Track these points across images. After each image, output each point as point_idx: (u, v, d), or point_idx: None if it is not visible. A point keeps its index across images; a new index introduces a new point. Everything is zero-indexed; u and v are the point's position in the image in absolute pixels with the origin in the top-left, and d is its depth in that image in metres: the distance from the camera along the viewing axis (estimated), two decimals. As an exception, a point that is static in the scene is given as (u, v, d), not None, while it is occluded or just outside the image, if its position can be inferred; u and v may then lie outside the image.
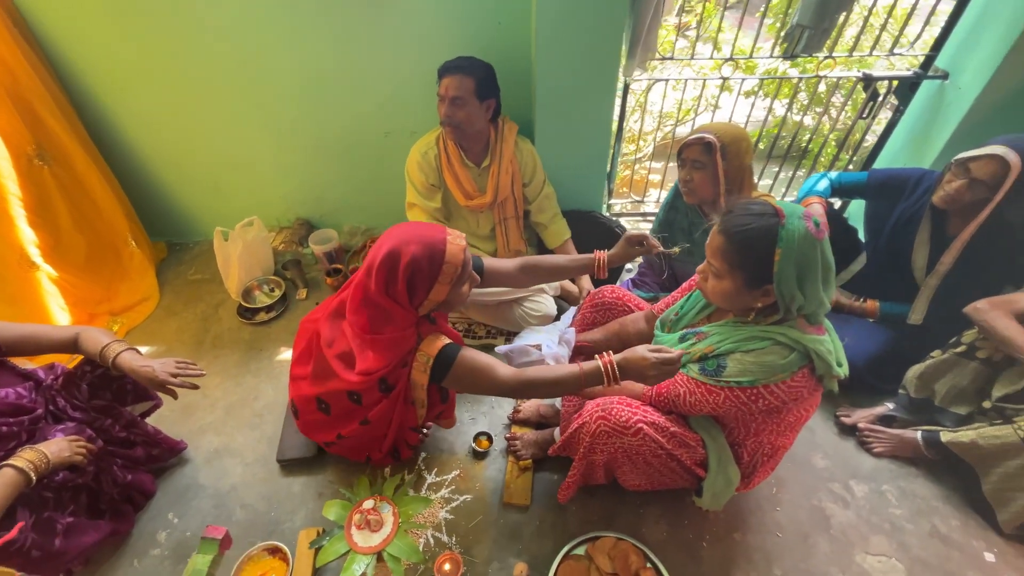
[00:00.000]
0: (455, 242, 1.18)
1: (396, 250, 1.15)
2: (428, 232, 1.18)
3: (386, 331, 1.20)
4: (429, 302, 1.20)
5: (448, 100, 1.65)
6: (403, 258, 1.14)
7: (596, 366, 1.13)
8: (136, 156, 2.23)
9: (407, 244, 1.15)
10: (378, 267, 1.16)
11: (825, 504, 1.50)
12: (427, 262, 1.15)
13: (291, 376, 1.43)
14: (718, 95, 2.15)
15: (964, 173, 1.43)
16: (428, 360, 1.23)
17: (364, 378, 1.22)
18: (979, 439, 1.39)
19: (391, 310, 1.18)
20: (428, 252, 1.15)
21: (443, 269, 1.16)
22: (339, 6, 1.76)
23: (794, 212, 0.99)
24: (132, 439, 1.49)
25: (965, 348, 1.50)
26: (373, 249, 1.20)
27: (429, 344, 1.24)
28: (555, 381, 1.19)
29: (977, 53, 1.74)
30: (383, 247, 1.17)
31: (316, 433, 1.46)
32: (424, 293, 1.18)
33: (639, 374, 1.09)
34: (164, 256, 2.50)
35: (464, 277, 1.22)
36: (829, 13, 1.73)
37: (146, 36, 1.86)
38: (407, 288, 1.16)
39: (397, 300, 1.18)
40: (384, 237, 1.20)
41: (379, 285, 1.16)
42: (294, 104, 2.04)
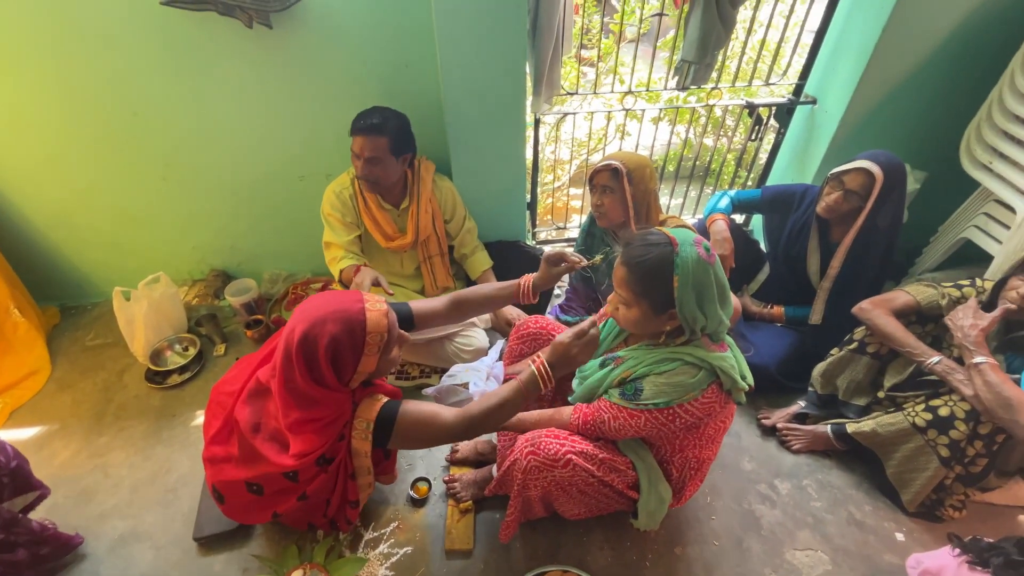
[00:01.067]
0: (374, 308, 1.12)
1: (311, 333, 1.06)
2: (343, 305, 1.10)
3: (318, 414, 1.11)
4: (359, 375, 1.13)
5: (363, 159, 1.64)
6: (321, 339, 1.06)
7: (531, 372, 1.13)
8: (17, 217, 2.02)
9: (323, 323, 1.07)
10: (296, 355, 1.07)
11: (755, 506, 1.57)
12: (347, 337, 1.07)
13: (207, 456, 1.28)
14: (623, 123, 2.28)
15: (839, 185, 1.60)
16: (368, 426, 1.15)
17: (300, 461, 1.12)
18: (878, 427, 1.52)
19: (321, 397, 1.10)
20: (347, 327, 1.07)
21: (367, 340, 1.09)
22: (242, 56, 1.72)
23: (686, 239, 1.05)
24: (13, 540, 1.31)
25: (857, 344, 1.64)
26: (286, 334, 1.10)
27: (366, 409, 1.16)
28: (500, 405, 1.14)
29: (836, 80, 1.97)
30: (296, 331, 1.07)
31: (247, 516, 1.33)
32: (351, 369, 1.11)
33: (567, 359, 1.12)
34: (57, 322, 2.26)
35: (391, 343, 1.16)
36: (709, 50, 1.89)
37: (19, 87, 1.71)
38: (333, 371, 1.08)
39: (327, 385, 1.09)
40: (296, 318, 1.10)
41: (303, 375, 1.07)
42: (197, 152, 1.95)
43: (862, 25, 1.81)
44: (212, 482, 1.28)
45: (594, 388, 1.24)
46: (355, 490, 1.28)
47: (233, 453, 1.23)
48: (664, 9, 2.02)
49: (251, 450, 1.19)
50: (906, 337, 1.50)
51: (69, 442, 1.78)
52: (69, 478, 1.65)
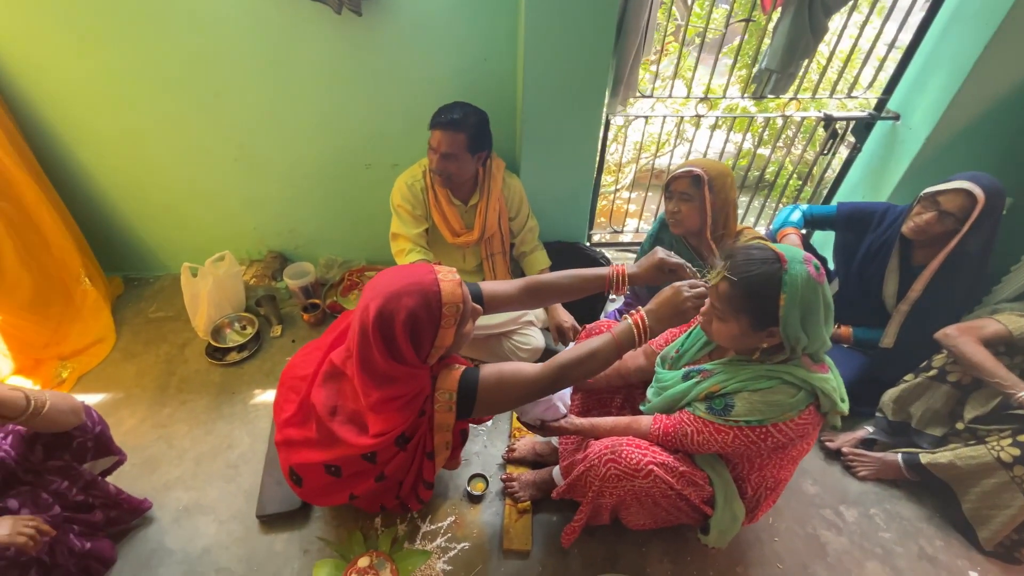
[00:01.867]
0: (447, 278, 1.07)
1: (387, 308, 1.03)
2: (416, 277, 1.06)
3: (398, 391, 1.09)
4: (437, 349, 1.10)
5: (440, 154, 1.63)
6: (397, 314, 1.02)
7: (627, 325, 1.08)
8: (93, 188, 2.08)
9: (398, 298, 1.03)
10: (373, 333, 1.03)
11: (820, 531, 1.52)
12: (424, 309, 1.04)
13: (281, 440, 1.28)
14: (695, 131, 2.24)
15: (933, 206, 1.53)
16: (451, 396, 1.11)
17: (381, 439, 1.11)
18: (956, 460, 1.46)
19: (401, 374, 1.08)
20: (423, 299, 1.04)
21: (444, 312, 1.05)
22: (327, 41, 1.73)
23: (795, 256, 1.02)
24: (91, 502, 1.35)
25: (936, 372, 1.58)
26: (359, 312, 1.07)
27: (445, 380, 1.12)
28: (591, 354, 1.09)
29: (925, 97, 1.89)
30: (371, 308, 1.04)
31: (325, 498, 1.32)
32: (430, 343, 1.08)
33: (675, 310, 1.06)
34: (121, 292, 2.32)
35: (467, 314, 1.11)
36: (794, 59, 1.84)
37: (108, 64, 1.75)
38: (412, 346, 1.05)
39: (406, 362, 1.06)
40: (369, 295, 1.07)
41: (381, 352, 1.04)
42: (271, 134, 1.97)
43: (961, 40, 1.74)
44: (289, 465, 1.28)
45: (675, 400, 1.21)
46: (431, 469, 1.26)
47: (311, 436, 1.23)
48: (751, 14, 1.96)
49: (329, 433, 1.19)
50: (996, 367, 1.43)
51: (135, 410, 1.83)
52: (135, 446, 1.69)
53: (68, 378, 1.93)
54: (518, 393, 1.13)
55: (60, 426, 1.21)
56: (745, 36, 2.42)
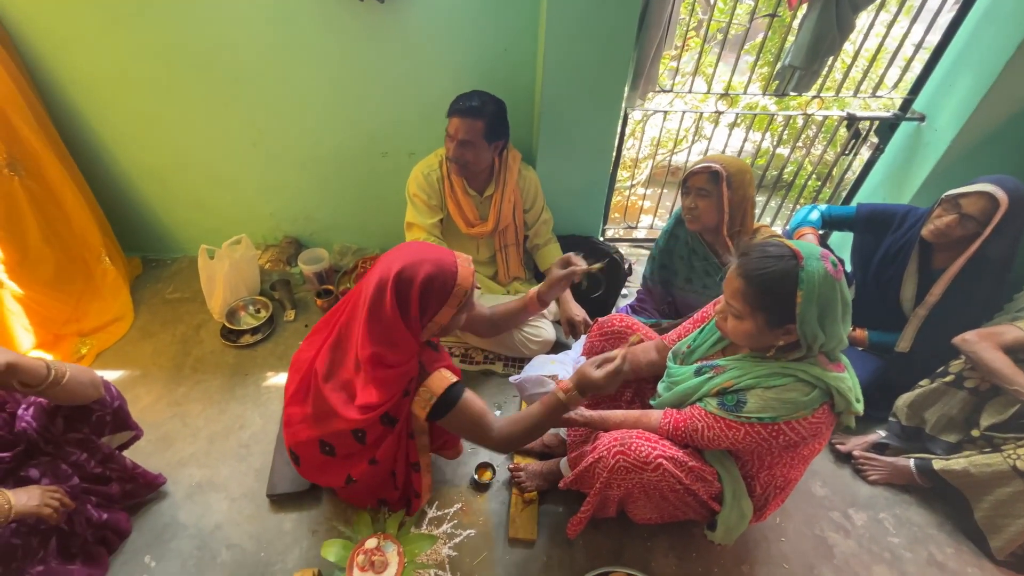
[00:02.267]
0: (465, 264, 1.16)
1: (409, 269, 1.11)
2: (438, 253, 1.16)
3: (391, 361, 1.14)
4: (433, 324, 1.17)
5: (456, 141, 1.64)
6: (417, 276, 1.11)
7: (556, 396, 1.17)
8: (115, 168, 2.11)
9: (420, 264, 1.12)
10: (392, 286, 1.11)
11: (827, 534, 1.51)
12: (440, 282, 1.12)
13: (285, 419, 1.33)
14: (714, 127, 2.21)
15: (955, 208, 1.50)
16: (431, 398, 1.19)
17: (366, 415, 1.16)
18: (971, 467, 1.44)
19: (399, 336, 1.13)
20: (441, 272, 1.12)
21: (454, 291, 1.14)
22: (348, 28, 1.73)
23: (812, 253, 1.01)
24: (108, 475, 1.38)
25: (953, 378, 1.56)
26: (380, 269, 1.14)
27: (435, 381, 1.20)
28: (534, 426, 1.21)
29: (952, 98, 1.86)
30: (394, 267, 1.12)
31: (323, 477, 1.37)
32: (432, 315, 1.15)
33: (588, 384, 1.15)
34: (139, 273, 2.36)
35: (468, 303, 1.19)
36: (819, 57, 1.81)
37: (133, 46, 1.78)
38: (420, 307, 1.12)
39: (409, 323, 1.13)
40: (391, 258, 1.15)
41: (394, 306, 1.11)
42: (290, 120, 1.99)
43: (992, 42, 1.70)
44: (289, 444, 1.33)
45: (687, 394, 1.21)
46: (415, 450, 1.31)
47: (308, 412, 1.28)
48: (777, 10, 1.93)
49: (322, 402, 1.23)
50: (1016, 374, 1.41)
51: (151, 388, 1.86)
52: (151, 423, 1.72)
53: (87, 354, 1.97)
54: (474, 434, 1.25)
55: (80, 398, 1.24)
56: (769, 33, 2.39)
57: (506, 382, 1.91)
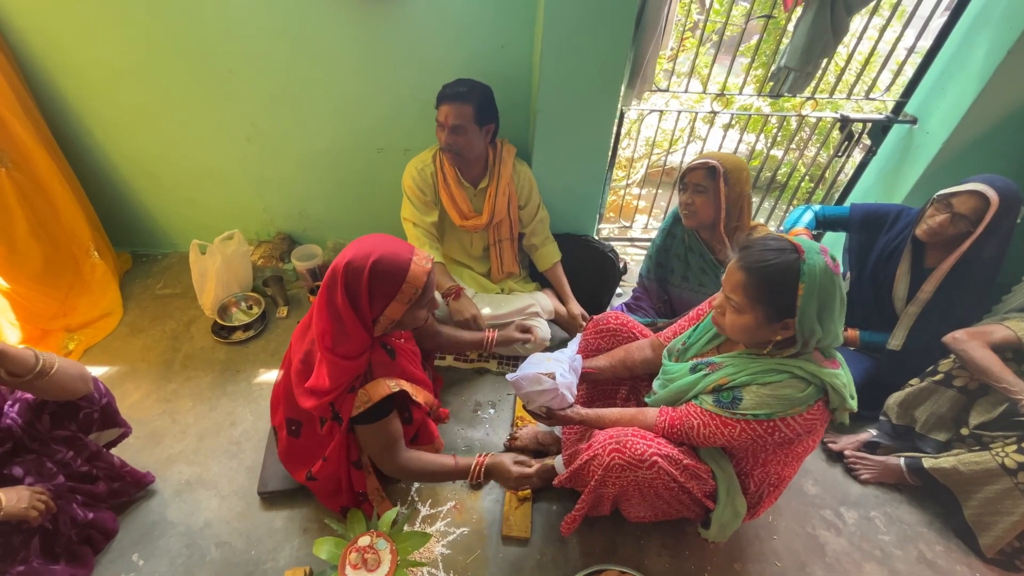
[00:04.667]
0: (420, 263, 1.17)
1: (360, 258, 1.13)
2: (394, 247, 1.17)
3: (342, 351, 1.16)
4: (384, 319, 1.18)
5: (448, 128, 1.63)
6: (366, 267, 1.12)
7: (469, 464, 1.31)
8: (104, 161, 2.08)
9: (371, 254, 1.13)
10: (341, 275, 1.13)
11: (819, 532, 1.52)
12: (389, 275, 1.14)
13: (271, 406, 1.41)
14: (709, 129, 2.22)
15: (946, 208, 1.52)
16: (368, 402, 1.21)
17: (316, 400, 1.19)
18: (960, 465, 1.46)
19: (350, 326, 1.15)
20: (391, 266, 1.14)
21: (402, 288, 1.15)
22: (345, 23, 1.72)
23: (812, 247, 1.01)
24: (94, 473, 1.36)
25: (942, 376, 1.57)
26: (338, 257, 1.17)
27: (376, 386, 1.22)
28: (433, 472, 1.32)
29: (944, 101, 1.88)
30: (346, 255, 1.15)
31: (291, 462, 1.43)
32: (381, 307, 1.17)
33: (502, 478, 1.32)
34: (129, 268, 2.33)
35: (423, 301, 1.21)
36: (813, 59, 1.82)
37: (123, 37, 1.75)
38: (368, 299, 1.14)
39: (358, 311, 1.15)
40: (350, 246, 1.18)
41: (343, 295, 1.13)
42: (285, 114, 1.97)
43: (983, 44, 1.72)
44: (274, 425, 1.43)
45: (682, 392, 1.21)
46: (360, 479, 1.37)
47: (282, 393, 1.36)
48: (772, 11, 1.95)
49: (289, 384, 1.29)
50: (1004, 373, 1.42)
51: (139, 384, 1.83)
52: (140, 419, 1.69)
53: (74, 350, 1.94)
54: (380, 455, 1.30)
55: (69, 392, 1.21)
56: (764, 35, 2.41)
57: (500, 380, 1.90)
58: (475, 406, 1.82)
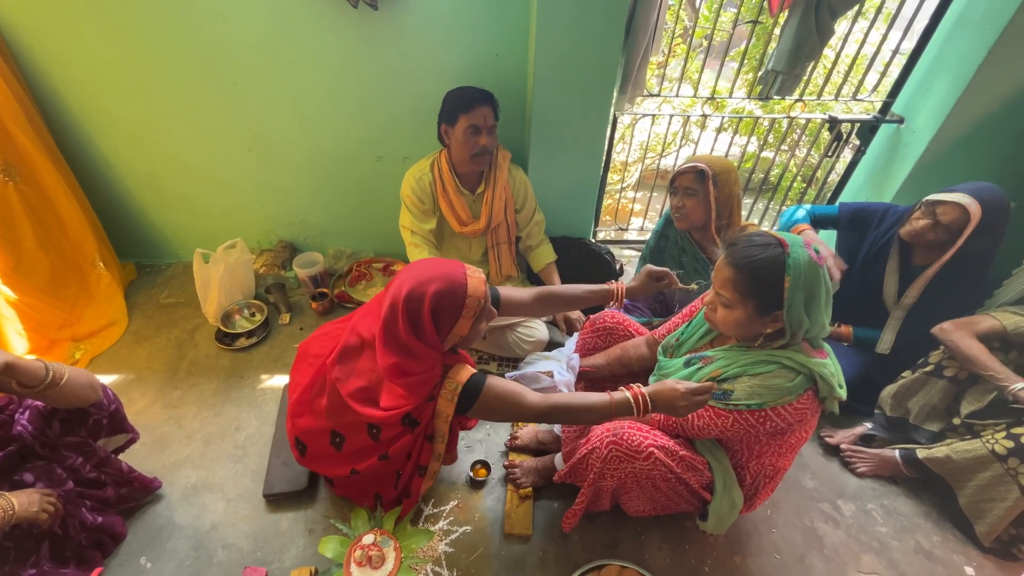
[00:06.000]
0: (475, 276, 1.19)
1: (418, 289, 1.13)
2: (447, 268, 1.18)
3: (413, 370, 1.16)
4: (453, 336, 1.18)
5: (487, 129, 1.68)
6: (427, 296, 1.13)
7: (625, 397, 1.13)
8: (109, 174, 2.13)
9: (429, 283, 1.14)
10: (402, 309, 1.13)
11: (817, 524, 1.54)
12: (450, 298, 1.14)
13: (292, 411, 1.34)
14: (701, 131, 2.26)
15: (931, 214, 1.55)
16: (457, 388, 1.20)
17: (390, 413, 1.17)
18: (952, 454, 1.48)
19: (419, 351, 1.15)
20: (450, 287, 1.14)
21: (466, 303, 1.15)
22: (342, 35, 1.77)
23: (796, 242, 1.05)
24: (103, 479, 1.38)
25: (933, 367, 1.60)
26: (393, 290, 1.17)
27: (457, 373, 1.22)
28: (585, 408, 1.16)
29: (929, 100, 1.92)
30: (404, 288, 1.14)
31: (326, 467, 1.37)
32: (448, 328, 1.17)
33: (669, 405, 1.10)
34: (133, 278, 2.37)
35: (486, 311, 1.21)
36: (800, 61, 1.87)
37: (127, 51, 1.80)
38: (434, 326, 1.14)
39: (425, 340, 1.15)
40: (403, 278, 1.18)
41: (406, 327, 1.13)
42: (285, 124, 2.01)
43: (965, 44, 1.77)
44: (295, 434, 1.34)
45: (677, 386, 1.24)
46: (428, 453, 1.30)
47: (322, 404, 1.28)
48: (759, 16, 2.00)
49: (340, 401, 1.24)
50: (990, 361, 1.45)
51: (145, 392, 1.86)
52: (146, 426, 1.72)
53: (81, 359, 1.97)
54: (511, 412, 1.23)
55: (78, 400, 1.24)
56: (752, 40, 2.46)
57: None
58: (476, 407, 1.84)
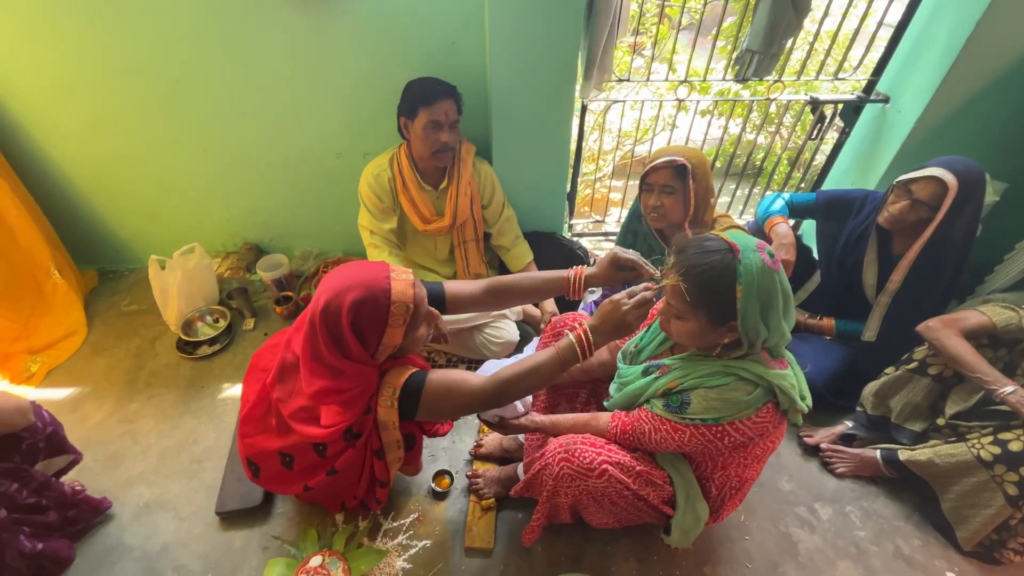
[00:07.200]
0: (400, 278, 1.07)
1: (335, 301, 1.03)
2: (367, 274, 1.06)
3: (343, 385, 1.07)
4: (384, 347, 1.08)
5: (448, 125, 1.59)
6: (343, 308, 1.02)
7: (569, 341, 1.05)
8: (61, 179, 2.04)
9: (346, 292, 1.03)
10: (320, 325, 1.03)
11: (792, 530, 1.48)
12: (371, 306, 1.03)
13: (242, 432, 1.26)
14: (675, 115, 2.15)
15: (906, 194, 1.46)
16: (395, 392, 1.09)
17: (329, 431, 1.09)
18: (935, 457, 1.41)
19: (347, 368, 1.06)
20: (371, 295, 1.03)
21: (391, 311, 1.04)
22: (289, 25, 1.67)
23: (747, 245, 0.96)
24: (43, 503, 1.32)
25: (917, 364, 1.53)
26: (311, 305, 1.07)
27: (394, 376, 1.11)
28: (533, 369, 1.08)
29: (915, 78, 1.81)
30: (320, 300, 1.04)
31: (280, 486, 1.32)
32: (376, 340, 1.06)
33: (618, 325, 1.03)
34: (95, 285, 2.30)
35: (419, 317, 1.10)
36: (776, 39, 1.76)
37: (70, 49, 1.70)
38: (358, 341, 1.04)
39: (351, 356, 1.05)
40: (321, 288, 1.07)
41: (328, 345, 1.04)
42: (238, 123, 1.92)
43: (952, 19, 1.65)
44: (246, 455, 1.27)
45: (635, 396, 1.17)
46: (383, 469, 1.23)
47: (270, 424, 1.22)
48: (731, -8, 1.87)
49: (284, 423, 1.17)
50: (977, 362, 1.37)
51: (101, 405, 1.81)
52: (99, 442, 1.67)
53: (37, 372, 1.91)
54: (461, 402, 1.12)
55: (6, 426, 1.19)
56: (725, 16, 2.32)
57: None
58: (442, 413, 1.78)
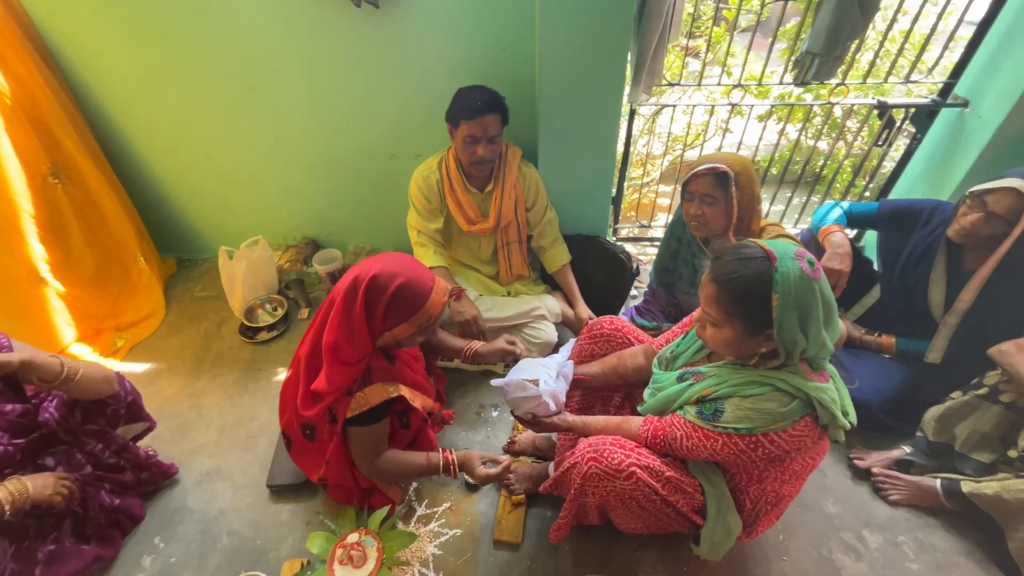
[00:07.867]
0: (439, 295, 1.20)
1: (385, 278, 1.15)
2: (419, 274, 1.19)
3: (345, 356, 1.18)
4: (390, 335, 1.20)
5: (486, 140, 1.63)
6: (391, 287, 1.14)
7: (439, 458, 1.34)
8: (147, 173, 2.27)
9: (398, 275, 1.15)
10: (364, 288, 1.15)
11: (836, 555, 1.41)
12: (411, 298, 1.16)
13: (280, 405, 1.41)
14: (727, 119, 2.10)
15: (980, 206, 1.36)
16: (365, 405, 1.23)
17: (316, 405, 1.23)
18: (1003, 492, 1.30)
19: (358, 334, 1.17)
20: (417, 290, 1.16)
21: (420, 311, 1.18)
22: (348, 35, 1.78)
23: (785, 252, 0.94)
24: (122, 464, 1.48)
25: (987, 391, 1.41)
26: (359, 270, 1.18)
27: (374, 391, 1.24)
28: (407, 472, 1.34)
29: (999, 80, 1.68)
30: (372, 269, 1.16)
31: (306, 463, 1.45)
32: (393, 324, 1.19)
33: (471, 472, 1.33)
34: (173, 272, 2.53)
35: (430, 328, 1.24)
36: (840, 41, 1.68)
37: (158, 57, 1.90)
38: (384, 315, 1.16)
39: (370, 324, 1.17)
40: (373, 262, 1.19)
41: (361, 305, 1.15)
42: (302, 125, 2.06)
43: (1043, 15, 1.52)
44: (283, 427, 1.43)
45: (668, 401, 1.16)
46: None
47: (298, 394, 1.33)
48: (791, -7, 1.81)
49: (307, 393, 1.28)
50: (1057, 392, 1.25)
51: (173, 380, 1.99)
52: (170, 412, 1.84)
53: (122, 347, 2.13)
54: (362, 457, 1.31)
55: (94, 393, 1.34)
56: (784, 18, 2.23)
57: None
58: (478, 408, 1.83)
